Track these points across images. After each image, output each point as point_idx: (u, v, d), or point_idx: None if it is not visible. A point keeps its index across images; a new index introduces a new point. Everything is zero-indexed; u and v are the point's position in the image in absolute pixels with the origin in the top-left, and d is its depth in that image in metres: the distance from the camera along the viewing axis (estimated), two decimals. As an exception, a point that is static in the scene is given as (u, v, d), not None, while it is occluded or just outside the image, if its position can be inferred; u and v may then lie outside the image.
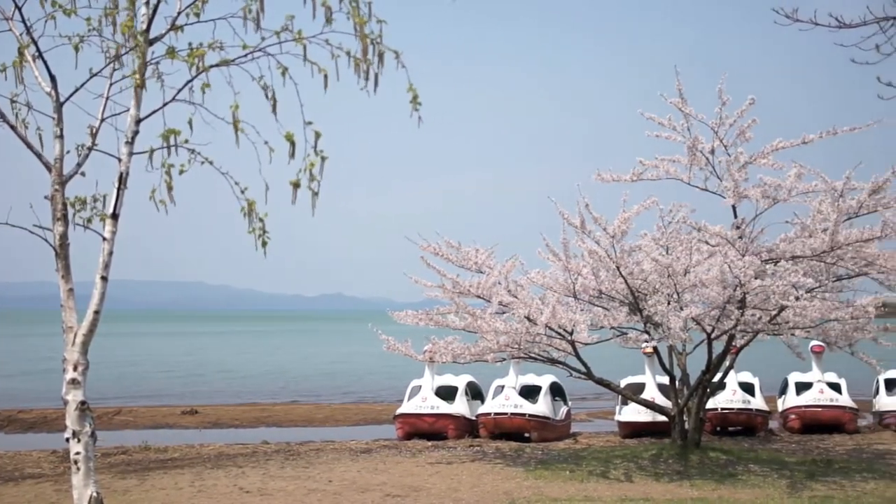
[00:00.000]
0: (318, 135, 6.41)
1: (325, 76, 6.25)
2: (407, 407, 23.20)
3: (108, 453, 19.51)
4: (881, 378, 24.87)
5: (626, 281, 17.17)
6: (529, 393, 23.33)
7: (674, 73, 16.22)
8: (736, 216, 16.67)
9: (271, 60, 6.51)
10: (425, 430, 22.65)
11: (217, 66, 6.60)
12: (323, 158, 6.46)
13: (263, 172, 6.61)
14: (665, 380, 19.76)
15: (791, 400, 24.47)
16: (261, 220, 6.93)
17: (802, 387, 24.55)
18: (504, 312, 18.37)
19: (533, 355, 18.66)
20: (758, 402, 23.87)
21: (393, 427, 23.75)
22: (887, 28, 5.76)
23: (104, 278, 6.87)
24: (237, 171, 6.96)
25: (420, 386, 23.49)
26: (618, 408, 23.87)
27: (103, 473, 16.00)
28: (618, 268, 17.05)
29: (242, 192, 6.94)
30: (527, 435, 22.37)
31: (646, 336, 17.67)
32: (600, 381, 19.02)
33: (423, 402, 22.97)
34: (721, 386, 21.38)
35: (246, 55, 6.57)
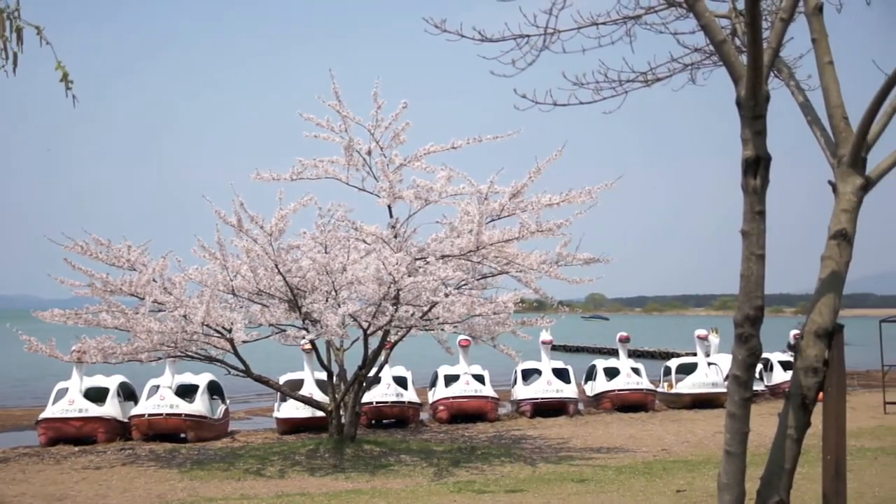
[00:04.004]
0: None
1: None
2: (51, 411, 21.74)
3: None
4: (519, 369, 26.86)
5: (284, 278, 17.26)
6: (186, 392, 22.76)
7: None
8: (392, 216, 17.36)
9: None
10: (72, 435, 21.34)
11: None
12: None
13: None
14: (323, 375, 20.09)
15: (440, 392, 25.82)
16: None
17: (450, 379, 26.01)
18: (160, 311, 17.80)
19: (190, 354, 18.26)
20: (410, 395, 24.93)
21: (35, 433, 22.14)
22: (523, 45, 6.27)
23: None
24: None
25: (67, 388, 22.13)
26: (276, 404, 23.94)
27: None
28: (276, 265, 17.11)
29: None
30: (183, 435, 21.81)
31: (304, 333, 17.89)
32: (259, 379, 18.99)
33: (70, 405, 21.64)
34: (376, 380, 22.12)
35: None
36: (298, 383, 23.57)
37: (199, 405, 22.27)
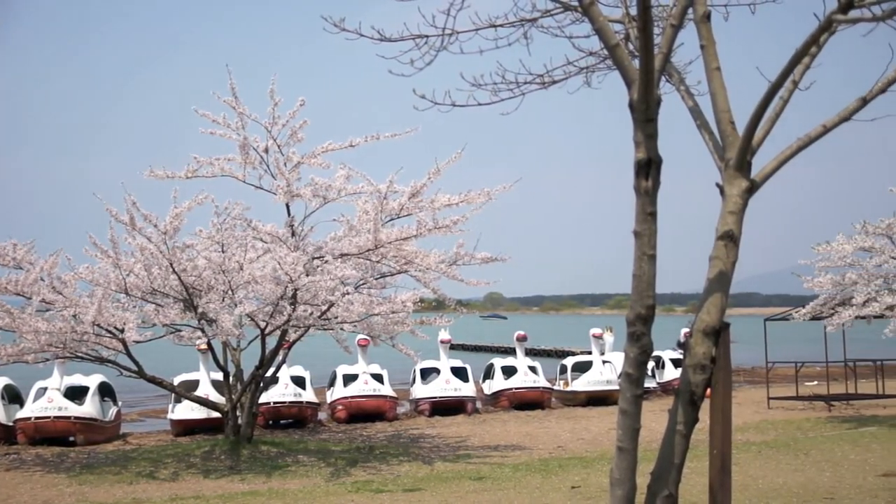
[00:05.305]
0: None
1: None
2: None
3: None
4: (417, 368, 26.91)
5: (179, 278, 16.93)
6: (76, 394, 22.12)
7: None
8: (290, 214, 17.20)
9: None
10: (-49, 441, 20.56)
11: None
12: None
13: None
14: (220, 376, 19.78)
15: (339, 391, 25.72)
16: None
17: (349, 378, 25.94)
18: (48, 310, 17.25)
19: (80, 355, 17.72)
20: (308, 395, 24.77)
21: (-87, 440, 21.22)
22: (421, 45, 6.27)
23: None
24: None
25: (-56, 392, 21.29)
26: (170, 406, 23.48)
27: None
28: (171, 264, 16.77)
29: None
30: (72, 439, 21.21)
31: (200, 332, 17.58)
32: (152, 380, 18.58)
33: None
34: (274, 380, 21.88)
35: None
36: (194, 384, 23.17)
37: (89, 407, 21.67)
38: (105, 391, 23.31)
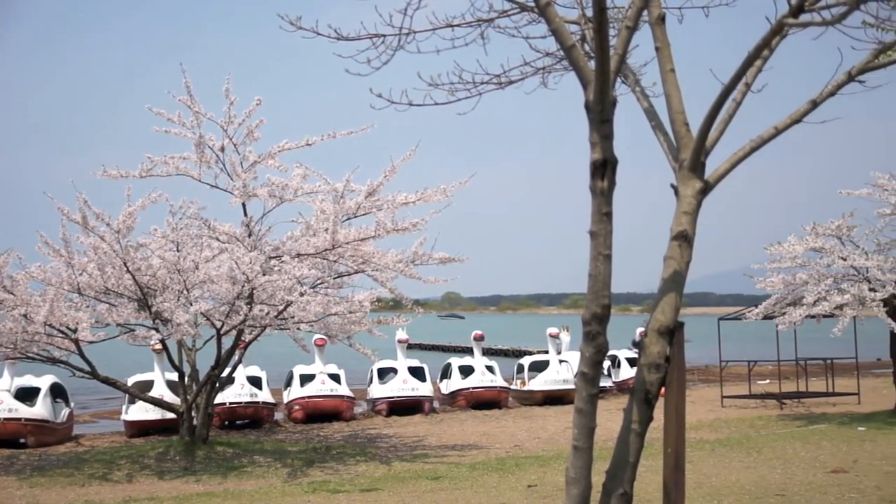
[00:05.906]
0: None
1: None
2: None
3: None
4: (374, 367, 26.88)
5: (133, 277, 16.74)
6: (27, 395, 21.77)
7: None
8: (246, 214, 17.08)
9: None
10: None
11: None
12: None
13: None
14: (174, 376, 19.59)
15: (296, 391, 25.60)
16: None
17: (306, 378, 25.82)
18: (-2, 310, 16.97)
19: (31, 355, 17.46)
20: (265, 395, 24.62)
21: None
22: (378, 44, 6.27)
23: None
24: None
25: None
26: (124, 407, 23.22)
27: None
28: (125, 263, 16.58)
29: None
30: (22, 440, 20.87)
31: (154, 332, 17.40)
32: (106, 380, 18.35)
33: None
34: (230, 380, 21.73)
35: None
36: (148, 384, 22.92)
37: (40, 409, 21.35)
38: (57, 392, 22.97)
